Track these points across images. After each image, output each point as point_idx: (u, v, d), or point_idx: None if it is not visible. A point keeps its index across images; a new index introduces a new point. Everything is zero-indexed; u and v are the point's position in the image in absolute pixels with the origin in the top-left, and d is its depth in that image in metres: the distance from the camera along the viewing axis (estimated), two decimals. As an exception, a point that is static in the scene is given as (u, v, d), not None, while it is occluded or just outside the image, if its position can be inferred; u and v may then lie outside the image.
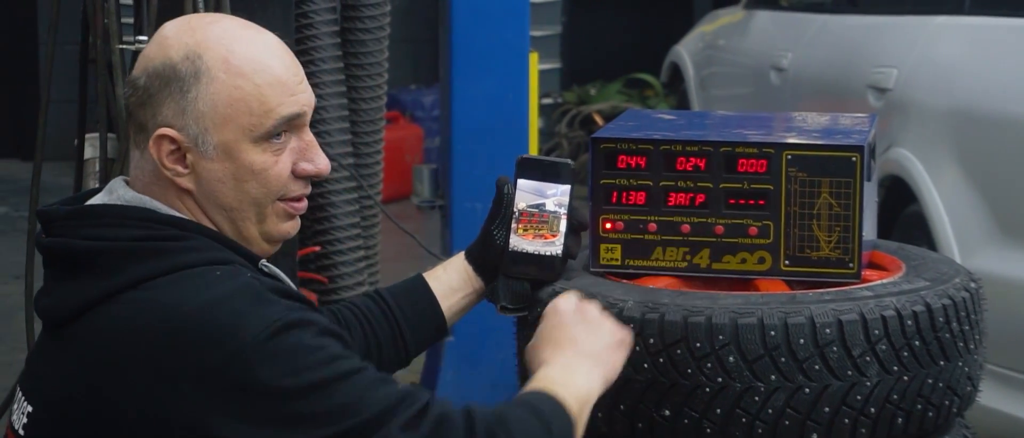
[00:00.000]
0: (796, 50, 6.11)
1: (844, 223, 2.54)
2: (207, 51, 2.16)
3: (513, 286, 2.58)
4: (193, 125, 2.16)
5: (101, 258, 2.14)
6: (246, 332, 2.04)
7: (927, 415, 2.46)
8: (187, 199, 2.21)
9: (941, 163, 4.45)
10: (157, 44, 2.19)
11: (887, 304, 2.43)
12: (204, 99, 2.15)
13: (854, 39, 5.54)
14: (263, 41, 2.21)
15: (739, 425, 2.39)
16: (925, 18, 5.03)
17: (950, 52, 4.75)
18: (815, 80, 5.79)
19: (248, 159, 2.18)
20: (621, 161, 2.61)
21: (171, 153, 2.18)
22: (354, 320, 2.58)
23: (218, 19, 2.23)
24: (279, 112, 2.18)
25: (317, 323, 2.10)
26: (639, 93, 11.74)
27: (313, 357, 2.06)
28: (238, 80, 2.16)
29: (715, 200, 2.58)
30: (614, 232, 2.62)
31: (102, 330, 2.11)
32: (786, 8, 6.89)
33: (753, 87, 6.65)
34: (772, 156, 2.55)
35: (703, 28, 8.22)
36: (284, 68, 2.20)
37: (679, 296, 2.48)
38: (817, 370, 2.38)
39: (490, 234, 2.60)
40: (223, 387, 2.03)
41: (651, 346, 2.41)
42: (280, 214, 2.25)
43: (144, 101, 2.17)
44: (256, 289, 2.10)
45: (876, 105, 4.92)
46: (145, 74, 2.17)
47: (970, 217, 4.30)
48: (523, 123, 5.13)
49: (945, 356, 2.47)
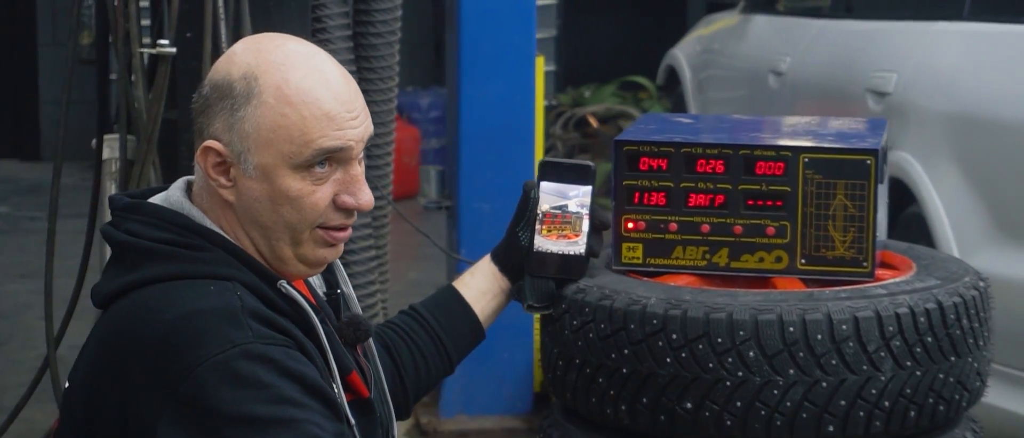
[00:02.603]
0: (794, 54, 6.19)
1: (859, 224, 2.64)
2: (264, 75, 2.21)
3: (539, 285, 2.67)
4: (238, 142, 2.22)
5: (129, 253, 2.24)
6: (206, 349, 2.10)
7: (938, 409, 2.55)
8: (228, 211, 2.27)
9: (940, 165, 4.54)
10: (226, 57, 2.26)
11: (901, 302, 2.52)
12: (251, 120, 2.21)
13: (853, 44, 5.63)
14: (322, 73, 2.24)
15: (759, 417, 2.48)
16: (925, 24, 5.13)
17: (950, 57, 4.84)
18: (814, 84, 5.87)
19: (285, 184, 2.22)
20: (643, 163, 2.70)
21: (216, 165, 2.24)
22: (398, 339, 2.66)
23: (286, 43, 2.27)
24: (319, 144, 2.21)
25: (279, 361, 2.11)
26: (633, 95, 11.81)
27: (260, 392, 2.08)
28: (285, 108, 2.20)
29: (734, 201, 2.67)
30: (636, 231, 2.71)
31: (111, 322, 2.22)
32: (784, 13, 6.98)
33: (751, 90, 6.74)
34: (789, 159, 2.64)
35: (700, 32, 8.30)
36: (336, 103, 2.22)
37: (701, 293, 2.57)
38: (834, 365, 2.47)
39: (515, 235, 2.69)
40: (173, 396, 2.09)
41: (673, 341, 2.50)
42: (318, 240, 2.28)
43: (203, 109, 2.25)
44: (234, 311, 2.14)
45: (876, 109, 5.01)
46: (210, 84, 2.25)
47: (969, 218, 4.40)
48: (530, 125, 5.22)
49: (956, 352, 2.56)
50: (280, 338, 2.16)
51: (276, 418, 2.07)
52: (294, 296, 2.24)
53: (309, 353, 2.20)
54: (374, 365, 2.45)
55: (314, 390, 2.14)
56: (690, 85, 7.94)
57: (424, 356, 2.66)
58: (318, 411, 2.12)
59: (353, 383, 2.31)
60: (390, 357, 2.61)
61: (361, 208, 2.27)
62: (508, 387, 5.38)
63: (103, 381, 2.17)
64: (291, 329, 2.19)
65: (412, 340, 2.66)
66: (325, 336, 2.25)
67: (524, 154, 5.24)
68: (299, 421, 2.08)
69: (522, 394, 5.41)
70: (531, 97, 5.23)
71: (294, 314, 2.23)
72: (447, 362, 2.70)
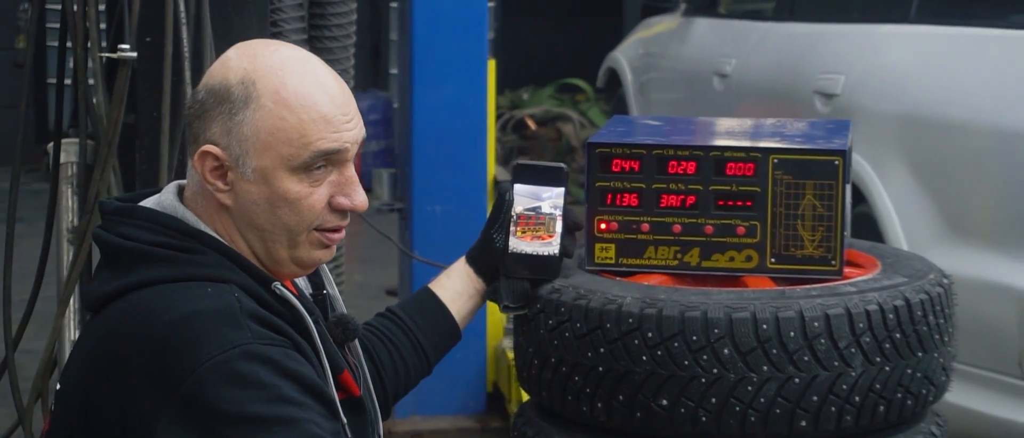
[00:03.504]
0: (739, 56, 6.25)
1: (827, 223, 2.69)
2: (261, 79, 2.24)
3: (514, 286, 2.71)
4: (236, 146, 2.25)
5: (123, 256, 2.27)
6: (206, 349, 2.13)
7: (906, 404, 2.61)
8: (224, 214, 2.30)
9: (889, 165, 4.61)
10: (221, 63, 2.28)
11: (870, 299, 2.57)
12: (249, 124, 2.24)
13: (799, 46, 5.69)
14: (317, 78, 2.28)
15: (733, 413, 2.53)
16: (872, 26, 5.21)
17: (898, 59, 4.92)
18: (760, 86, 5.94)
19: (283, 187, 2.26)
20: (615, 165, 2.74)
21: (213, 169, 2.27)
22: (377, 341, 2.69)
23: (280, 49, 2.30)
24: (317, 146, 2.25)
25: (277, 361, 2.15)
26: (570, 98, 11.90)
27: (260, 392, 2.12)
28: (283, 111, 2.24)
29: (705, 201, 2.72)
30: (608, 232, 2.76)
31: (107, 324, 2.24)
32: (726, 15, 7.04)
33: (695, 92, 6.79)
34: (759, 160, 2.70)
35: (641, 34, 8.35)
36: (332, 106, 2.26)
37: (675, 292, 2.61)
38: (806, 361, 2.52)
39: (490, 237, 2.73)
40: (173, 396, 2.12)
41: (649, 340, 2.54)
42: (314, 242, 2.32)
43: (199, 114, 2.27)
44: (233, 312, 2.18)
45: (823, 110, 5.08)
46: (205, 89, 2.27)
47: (918, 217, 4.47)
48: (482, 128, 5.27)
49: (922, 347, 2.62)
50: (278, 339, 2.19)
51: (276, 417, 2.10)
52: (288, 298, 2.27)
53: (305, 353, 2.23)
54: (360, 364, 2.49)
55: (312, 389, 2.17)
56: (632, 87, 7.99)
57: (403, 357, 2.70)
58: (317, 410, 2.15)
59: (344, 382, 2.34)
60: (370, 358, 2.64)
61: (356, 209, 2.31)
62: (461, 388, 5.42)
63: (101, 382, 2.19)
64: (287, 330, 2.23)
65: (391, 342, 2.70)
66: (318, 336, 2.28)
67: (476, 156, 5.28)
68: (299, 420, 2.12)
69: (475, 394, 5.46)
70: (483, 99, 5.28)
71: (288, 315, 2.26)
72: (425, 363, 2.74)
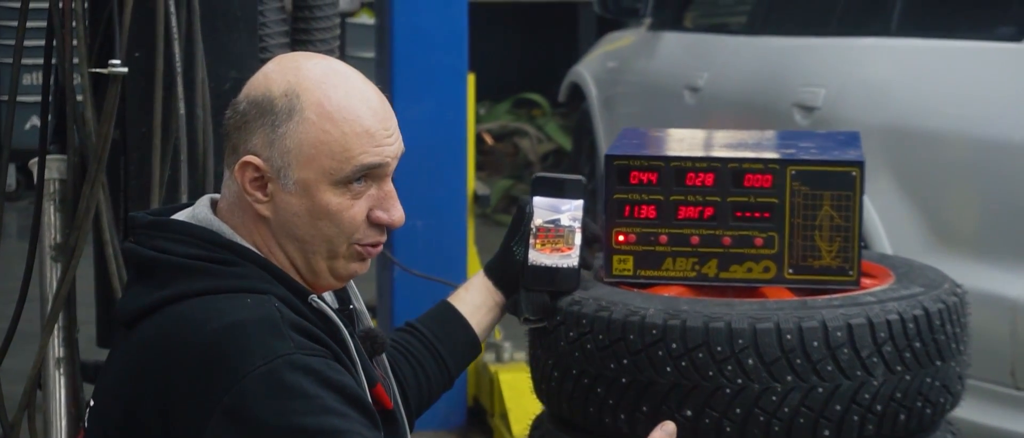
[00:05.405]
0: (712, 70, 6.27)
1: (844, 233, 2.71)
2: (305, 92, 2.24)
3: (534, 298, 2.72)
4: (278, 158, 2.25)
5: (159, 269, 2.26)
6: (251, 360, 2.13)
7: (925, 412, 2.63)
8: (262, 226, 2.30)
9: (874, 176, 4.64)
10: (263, 75, 2.28)
11: (891, 308, 2.59)
12: (292, 136, 2.24)
13: (777, 59, 5.71)
14: (360, 91, 2.28)
15: (757, 424, 2.54)
16: (852, 40, 5.25)
17: (880, 71, 4.96)
18: (735, 99, 5.96)
19: (324, 199, 2.26)
20: (634, 177, 2.75)
21: (254, 180, 2.27)
22: (399, 355, 2.70)
23: (322, 62, 2.30)
24: (360, 160, 2.26)
25: (320, 371, 2.16)
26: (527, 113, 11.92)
27: (304, 403, 2.12)
28: (327, 125, 2.24)
29: (723, 213, 2.74)
30: (627, 244, 2.77)
31: (146, 338, 2.23)
32: (694, 29, 7.06)
33: (664, 106, 6.78)
34: (777, 171, 2.71)
35: (605, 48, 8.36)
36: (375, 120, 2.27)
37: (698, 303, 2.63)
38: (829, 370, 2.54)
39: (510, 250, 2.74)
40: (218, 407, 2.12)
41: (673, 350, 2.56)
42: (352, 255, 2.32)
43: (240, 125, 2.27)
44: (275, 322, 2.18)
45: (803, 123, 5.11)
46: (246, 100, 2.27)
47: (904, 227, 4.51)
48: (462, 142, 5.28)
49: (941, 356, 2.64)
50: (319, 349, 2.19)
51: (321, 428, 2.11)
52: (325, 310, 2.28)
53: (344, 364, 2.24)
54: (388, 377, 2.49)
55: (354, 400, 2.18)
56: (597, 102, 7.99)
57: (425, 371, 2.71)
58: (359, 421, 2.16)
59: (378, 395, 2.34)
60: (392, 372, 2.64)
61: (393, 224, 2.32)
62: (442, 402, 5.31)
63: (143, 395, 2.19)
64: (327, 341, 2.23)
65: (412, 355, 2.70)
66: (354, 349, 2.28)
67: (457, 170, 5.29)
68: (342, 432, 2.12)
69: (456, 408, 5.46)
70: (463, 114, 5.29)
71: (325, 328, 2.26)
72: (447, 375, 2.75)
